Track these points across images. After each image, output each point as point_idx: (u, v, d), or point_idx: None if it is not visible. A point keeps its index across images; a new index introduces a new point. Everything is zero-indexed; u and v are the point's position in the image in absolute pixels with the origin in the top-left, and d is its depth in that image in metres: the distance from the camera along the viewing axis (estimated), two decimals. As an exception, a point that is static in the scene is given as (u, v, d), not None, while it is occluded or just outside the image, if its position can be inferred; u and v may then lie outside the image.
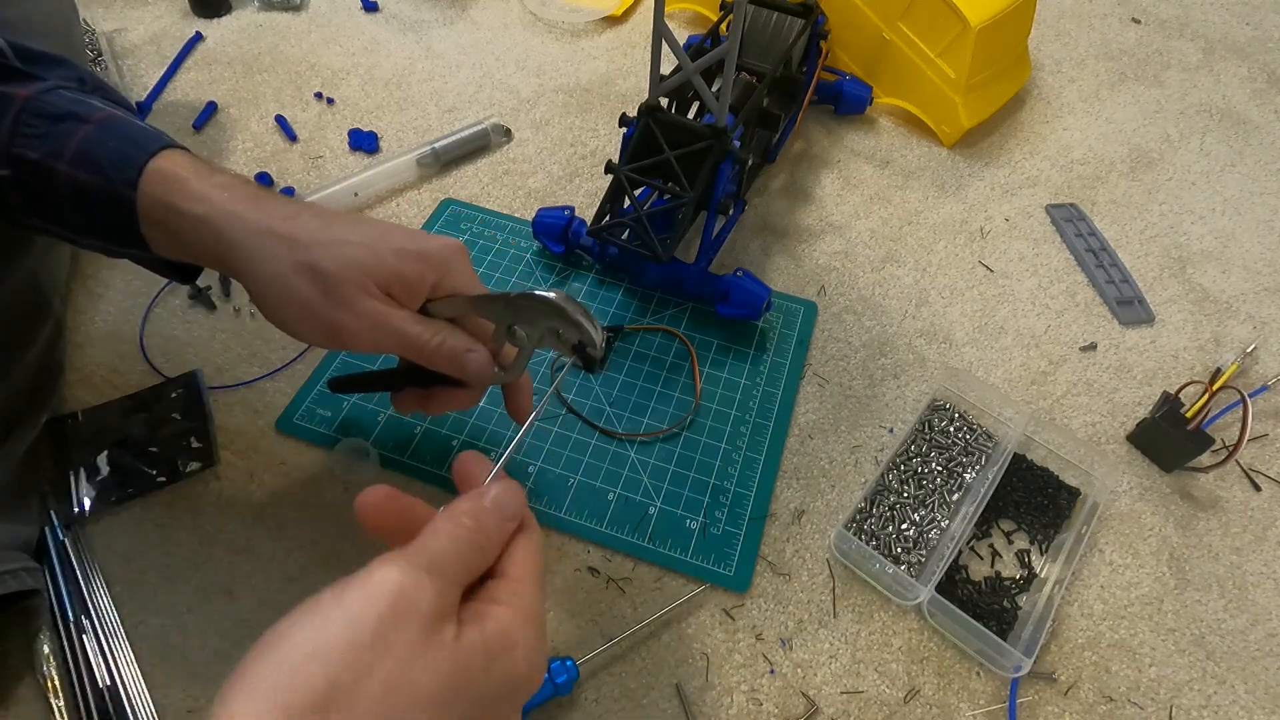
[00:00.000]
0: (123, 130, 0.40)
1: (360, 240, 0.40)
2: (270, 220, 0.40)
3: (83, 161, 0.39)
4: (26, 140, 0.39)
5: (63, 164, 0.39)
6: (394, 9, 0.89)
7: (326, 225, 0.41)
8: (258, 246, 0.39)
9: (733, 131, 0.58)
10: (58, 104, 0.40)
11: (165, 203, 0.39)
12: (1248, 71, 0.92)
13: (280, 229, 0.39)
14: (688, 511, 0.53)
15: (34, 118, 0.39)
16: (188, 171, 0.40)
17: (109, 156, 0.39)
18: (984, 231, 0.73)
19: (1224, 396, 0.59)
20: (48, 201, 0.40)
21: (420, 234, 0.43)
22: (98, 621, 0.46)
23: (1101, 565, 0.54)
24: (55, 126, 0.39)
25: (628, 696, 0.46)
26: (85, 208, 0.40)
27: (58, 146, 0.39)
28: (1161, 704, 0.48)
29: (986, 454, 0.57)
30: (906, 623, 0.50)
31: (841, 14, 0.79)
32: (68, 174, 0.39)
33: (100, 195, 0.39)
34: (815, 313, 0.65)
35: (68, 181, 0.39)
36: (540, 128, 0.78)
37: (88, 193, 0.39)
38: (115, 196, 0.39)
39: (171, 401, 0.55)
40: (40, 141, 0.39)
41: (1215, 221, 0.76)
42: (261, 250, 0.39)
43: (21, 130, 0.39)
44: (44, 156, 0.39)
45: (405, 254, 0.41)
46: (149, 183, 0.39)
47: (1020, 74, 0.85)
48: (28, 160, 0.39)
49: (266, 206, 0.40)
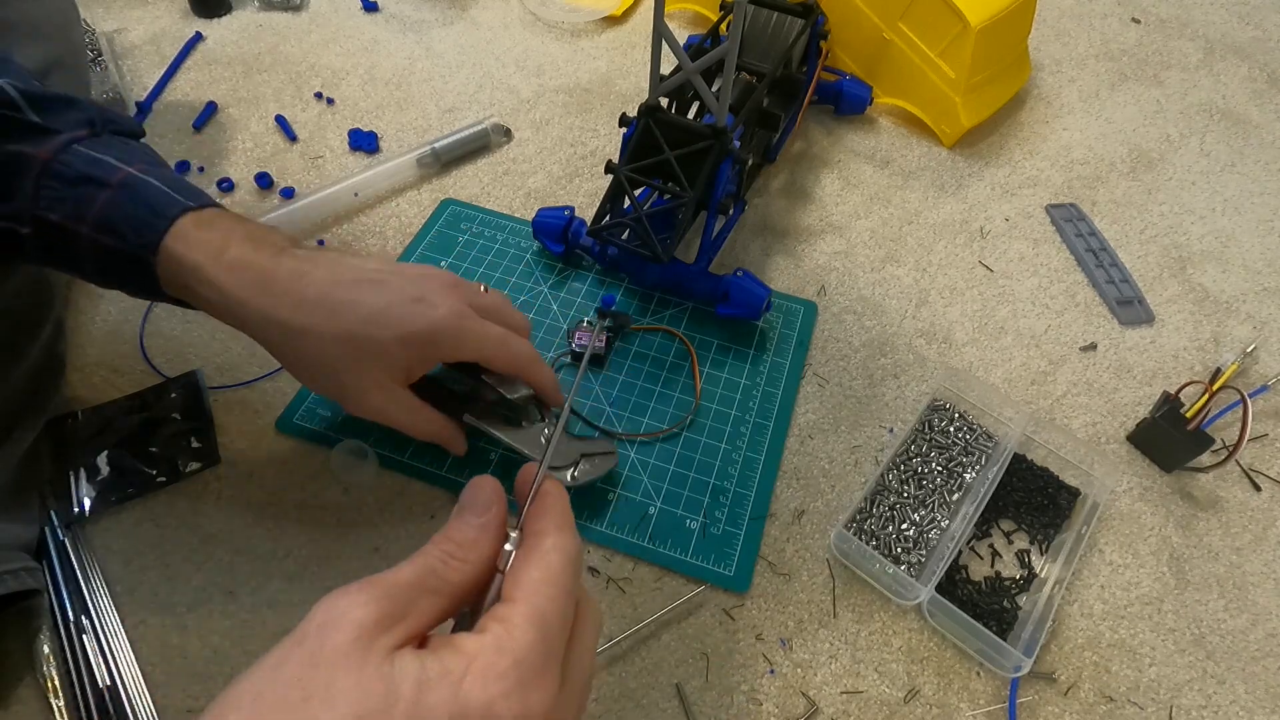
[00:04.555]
0: (140, 196, 0.42)
1: (367, 334, 0.43)
2: (278, 310, 0.42)
3: (104, 228, 0.41)
4: (48, 203, 0.41)
5: (85, 228, 0.41)
6: (394, 9, 0.89)
7: (333, 313, 0.43)
8: (268, 337, 0.44)
9: (733, 131, 0.58)
10: (76, 166, 0.41)
11: (182, 284, 0.42)
12: (1248, 71, 0.92)
13: (291, 322, 0.43)
14: (688, 511, 0.53)
15: (53, 180, 0.41)
16: (200, 253, 0.42)
17: (130, 224, 0.41)
18: (984, 231, 0.73)
19: (1224, 396, 0.59)
20: (70, 258, 0.42)
21: (427, 303, 0.45)
22: (98, 621, 0.46)
23: (1101, 565, 0.54)
24: (74, 190, 0.41)
25: (628, 696, 0.46)
26: (108, 269, 0.42)
27: (79, 210, 0.41)
28: (1161, 704, 0.48)
29: (986, 454, 0.57)
30: (906, 623, 0.50)
31: (841, 14, 0.79)
32: (90, 238, 0.41)
33: (121, 258, 0.42)
34: (815, 313, 0.65)
35: (90, 244, 0.41)
36: (540, 128, 0.78)
37: (110, 255, 0.41)
38: (137, 259, 0.42)
39: (171, 401, 0.55)
40: (61, 205, 0.41)
41: (1215, 221, 0.76)
42: (271, 340, 0.44)
43: (43, 193, 0.41)
44: (65, 219, 0.41)
45: (412, 342, 0.44)
46: (166, 260, 0.41)
47: (1020, 74, 0.85)
48: (50, 222, 0.41)
49: (273, 290, 0.42)
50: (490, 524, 0.30)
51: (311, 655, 0.25)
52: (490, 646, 0.26)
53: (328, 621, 0.26)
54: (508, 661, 0.26)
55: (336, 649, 0.25)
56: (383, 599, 0.26)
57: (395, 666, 0.25)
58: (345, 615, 0.26)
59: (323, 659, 0.25)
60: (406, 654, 0.26)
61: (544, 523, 0.30)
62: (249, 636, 0.46)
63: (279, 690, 0.25)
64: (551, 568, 0.29)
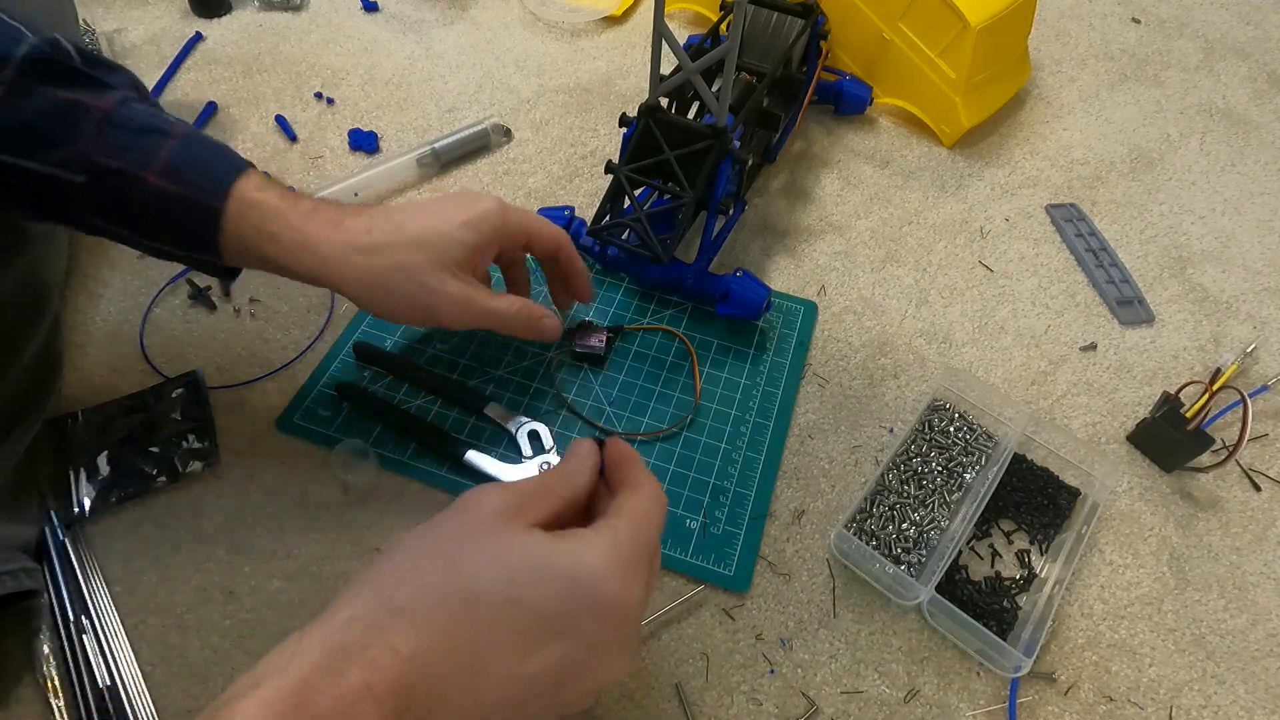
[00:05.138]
0: (205, 145, 0.44)
1: (433, 227, 0.48)
2: (354, 238, 0.46)
3: (171, 173, 0.42)
4: (110, 150, 0.41)
5: (151, 174, 0.42)
6: (394, 9, 0.89)
7: (399, 227, 0.47)
8: (352, 263, 0.46)
9: (733, 131, 0.58)
10: (138, 117, 0.42)
11: (259, 228, 0.44)
12: (1248, 71, 0.92)
13: (365, 243, 0.46)
14: (688, 511, 0.53)
15: (116, 129, 0.41)
16: (276, 198, 0.45)
17: (197, 171, 0.43)
18: (984, 231, 0.73)
19: (1224, 396, 0.59)
20: (123, 208, 0.43)
21: (474, 197, 0.50)
22: (98, 621, 0.46)
23: (1101, 565, 0.54)
24: (139, 139, 0.42)
25: (628, 697, 0.46)
26: (168, 217, 0.43)
27: (144, 158, 0.42)
28: (1161, 704, 0.48)
29: (986, 454, 0.57)
30: (906, 623, 0.50)
31: (841, 14, 0.79)
32: (156, 184, 0.42)
33: (186, 205, 0.43)
34: (815, 313, 0.65)
35: (155, 191, 0.42)
36: (540, 128, 0.78)
37: (174, 202, 0.43)
38: (202, 208, 0.43)
39: (171, 401, 0.55)
40: (124, 152, 0.42)
41: (1215, 221, 0.76)
42: (356, 266, 0.46)
43: (104, 141, 0.41)
44: (129, 165, 0.42)
45: (472, 225, 0.49)
46: (238, 207, 0.43)
47: (1020, 74, 0.85)
48: (110, 169, 0.41)
49: (345, 226, 0.46)
50: (589, 464, 0.38)
51: (461, 522, 0.34)
52: (604, 539, 0.34)
53: (474, 501, 0.34)
54: (615, 553, 0.33)
55: (482, 519, 0.33)
56: (513, 493, 0.35)
57: (529, 537, 0.33)
58: (487, 498, 0.34)
59: (472, 523, 0.33)
60: (537, 530, 0.33)
61: (640, 474, 0.38)
62: (249, 636, 0.46)
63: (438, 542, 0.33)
64: (646, 498, 0.36)
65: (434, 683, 0.30)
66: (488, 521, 0.33)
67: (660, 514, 0.37)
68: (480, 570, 0.31)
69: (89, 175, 0.41)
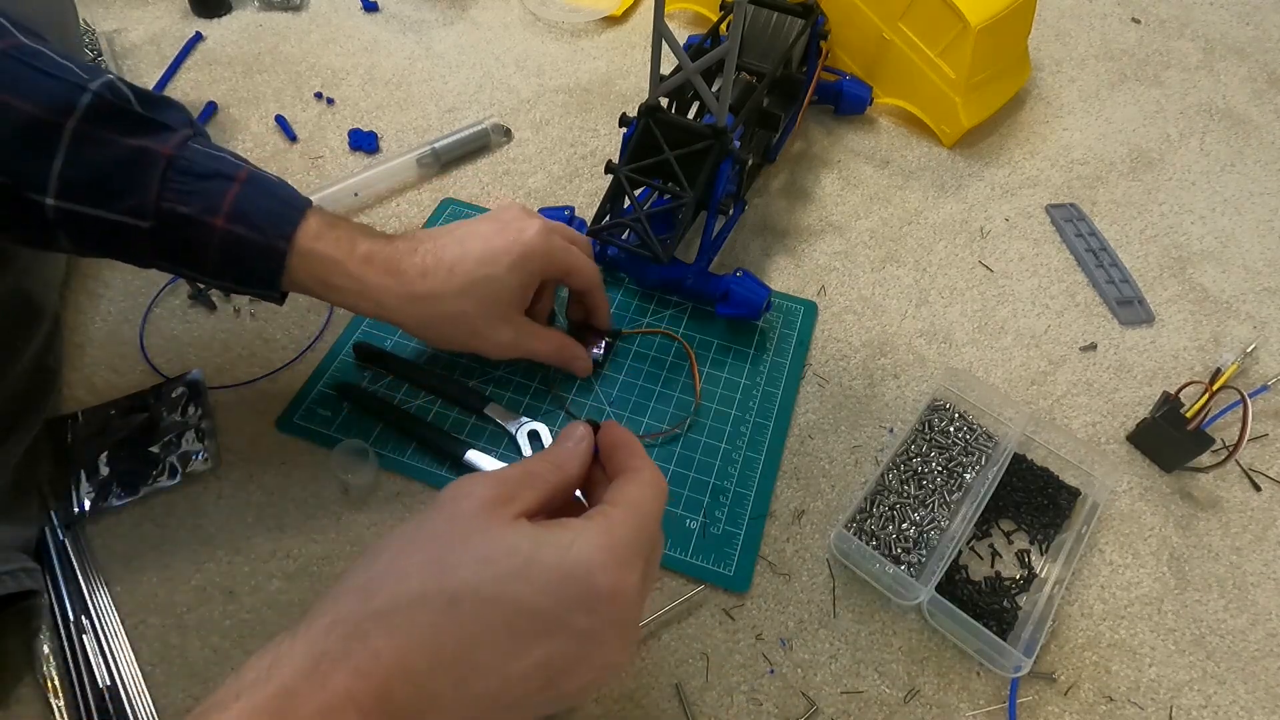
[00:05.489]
0: (267, 189, 0.45)
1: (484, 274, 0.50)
2: (411, 287, 0.48)
3: (239, 219, 0.43)
4: (179, 196, 0.42)
5: (219, 219, 0.43)
6: (394, 9, 0.89)
7: (451, 271, 0.49)
8: (409, 311, 0.49)
9: (733, 131, 0.58)
10: (201, 162, 0.43)
11: (316, 277, 0.46)
12: (1248, 71, 0.92)
13: (421, 291, 0.48)
14: (688, 511, 0.53)
15: (181, 175, 0.42)
16: (335, 249, 0.46)
17: (264, 216, 0.44)
18: (984, 231, 0.73)
19: (1224, 396, 0.59)
20: (188, 251, 0.44)
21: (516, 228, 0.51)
22: (98, 621, 0.46)
23: (1101, 565, 0.54)
24: (205, 184, 0.43)
25: (628, 697, 0.46)
26: (235, 259, 0.44)
27: (212, 203, 0.43)
28: (1161, 704, 0.48)
29: (986, 454, 0.57)
30: (906, 623, 0.50)
31: (841, 14, 0.79)
32: (224, 229, 0.43)
33: (253, 249, 0.44)
34: (815, 313, 0.65)
35: (223, 235, 0.43)
36: (540, 128, 0.78)
37: (243, 246, 0.44)
38: (269, 250, 0.44)
39: (171, 401, 0.55)
40: (192, 198, 0.42)
41: (1215, 221, 0.76)
42: (413, 315, 0.50)
43: (170, 187, 0.42)
44: (198, 212, 0.43)
45: (519, 266, 0.50)
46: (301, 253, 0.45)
47: (1020, 74, 0.85)
48: (179, 215, 0.42)
49: (401, 270, 0.48)
50: (581, 448, 0.37)
51: (449, 517, 0.32)
52: (596, 528, 0.32)
53: (459, 494, 0.33)
54: (607, 543, 0.32)
55: (468, 512, 0.32)
56: (499, 483, 0.33)
57: (515, 529, 0.32)
58: (473, 490, 0.33)
59: (458, 518, 0.32)
60: (524, 522, 0.32)
61: (637, 459, 0.37)
62: (249, 636, 0.46)
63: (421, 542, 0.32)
64: (644, 484, 0.35)
65: (420, 687, 0.29)
66: (472, 515, 0.32)
67: (659, 500, 0.35)
68: (465, 569, 0.30)
69: (157, 221, 0.42)
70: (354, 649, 0.28)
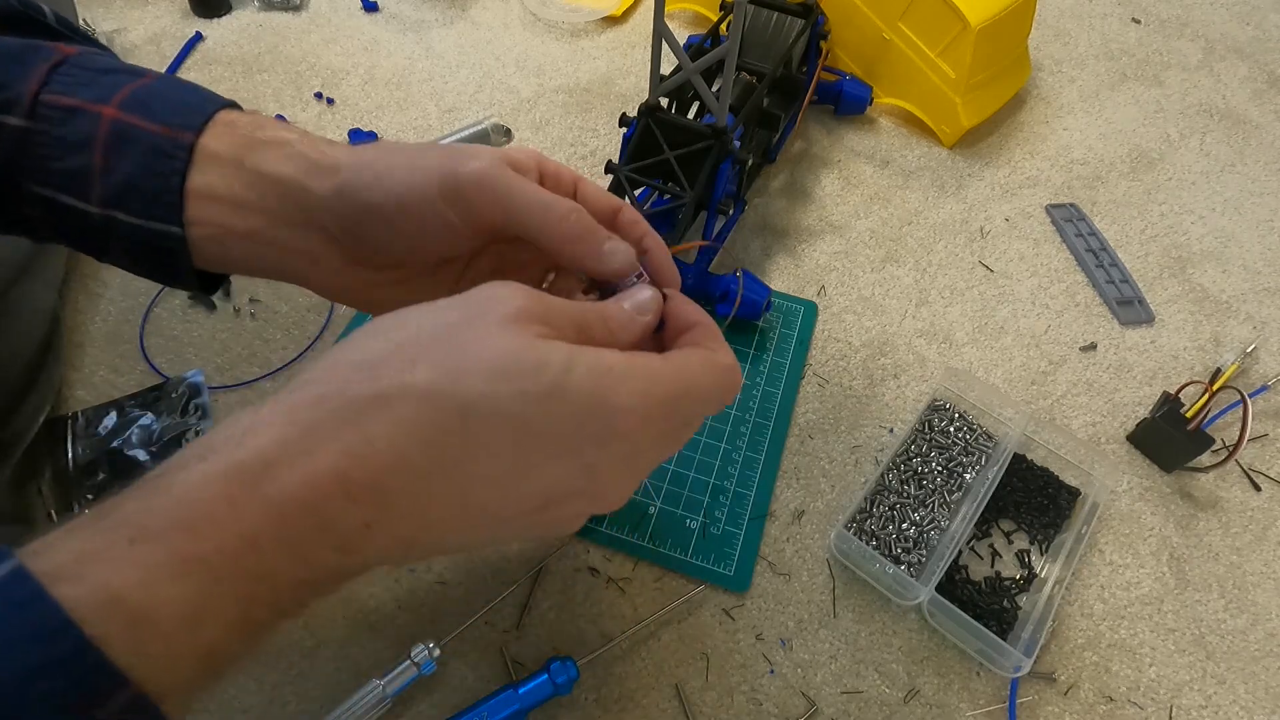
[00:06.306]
0: (187, 86, 0.37)
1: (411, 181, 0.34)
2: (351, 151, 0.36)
3: (136, 106, 0.35)
4: (63, 87, 0.34)
5: (109, 107, 0.34)
6: (394, 9, 0.89)
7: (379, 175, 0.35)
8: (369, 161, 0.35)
9: (733, 131, 0.58)
10: (108, 61, 0.36)
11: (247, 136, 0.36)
12: (1248, 71, 0.92)
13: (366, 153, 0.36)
14: (687, 511, 0.53)
15: (78, 69, 0.35)
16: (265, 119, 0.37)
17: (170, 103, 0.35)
18: (984, 231, 0.73)
19: (1224, 396, 0.59)
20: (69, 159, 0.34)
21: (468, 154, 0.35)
22: (98, 621, 0.46)
23: (1101, 565, 0.54)
24: (103, 76, 0.35)
25: (628, 697, 0.46)
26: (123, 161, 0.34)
27: (104, 93, 0.35)
28: (1161, 704, 0.48)
29: (986, 454, 0.57)
30: (906, 623, 0.50)
31: (841, 14, 0.79)
32: (112, 117, 0.34)
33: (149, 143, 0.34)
34: (815, 313, 0.65)
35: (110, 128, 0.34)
36: (540, 128, 0.78)
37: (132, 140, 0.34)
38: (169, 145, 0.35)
39: (171, 401, 0.55)
40: (80, 89, 0.34)
41: (1215, 221, 0.76)
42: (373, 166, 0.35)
43: (56, 78, 0.34)
44: (86, 101, 0.34)
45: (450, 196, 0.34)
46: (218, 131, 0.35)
47: (1020, 74, 0.85)
48: (60, 106, 0.34)
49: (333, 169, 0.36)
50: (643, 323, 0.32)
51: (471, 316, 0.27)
52: (639, 369, 0.28)
53: (493, 297, 0.28)
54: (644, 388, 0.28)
55: (499, 316, 0.27)
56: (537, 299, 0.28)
57: (548, 345, 0.27)
58: (510, 297, 0.28)
59: (481, 320, 0.27)
60: (559, 342, 0.27)
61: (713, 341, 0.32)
62: (249, 636, 0.46)
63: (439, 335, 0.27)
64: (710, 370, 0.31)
65: (417, 486, 0.26)
66: (499, 321, 0.27)
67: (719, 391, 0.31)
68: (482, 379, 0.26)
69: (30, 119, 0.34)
70: (347, 429, 0.25)
